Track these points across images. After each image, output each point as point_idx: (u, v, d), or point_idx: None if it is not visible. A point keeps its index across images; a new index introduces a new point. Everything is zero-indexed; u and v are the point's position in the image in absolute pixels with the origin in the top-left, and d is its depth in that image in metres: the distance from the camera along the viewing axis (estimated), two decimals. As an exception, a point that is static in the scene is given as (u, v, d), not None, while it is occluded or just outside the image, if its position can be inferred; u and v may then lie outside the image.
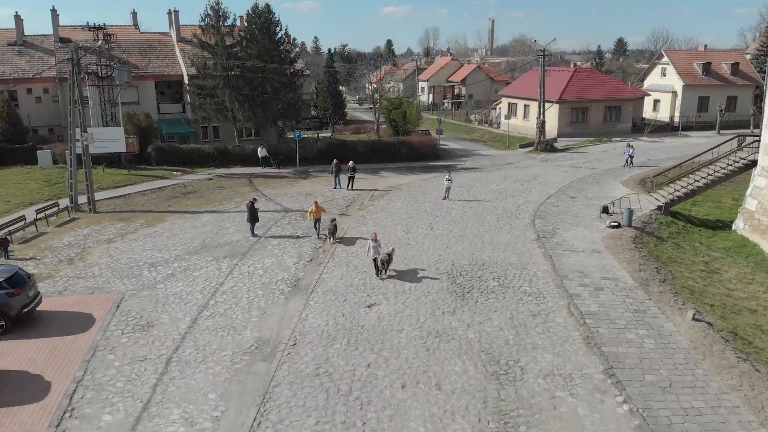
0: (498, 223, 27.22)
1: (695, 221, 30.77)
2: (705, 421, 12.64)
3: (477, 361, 14.83)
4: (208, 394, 13.48)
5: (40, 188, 34.37)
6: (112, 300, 18.74)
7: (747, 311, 20.70)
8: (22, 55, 47.35)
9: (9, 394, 13.84)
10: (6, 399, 13.62)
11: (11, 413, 13.13)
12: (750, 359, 15.64)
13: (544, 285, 19.77)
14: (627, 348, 15.53)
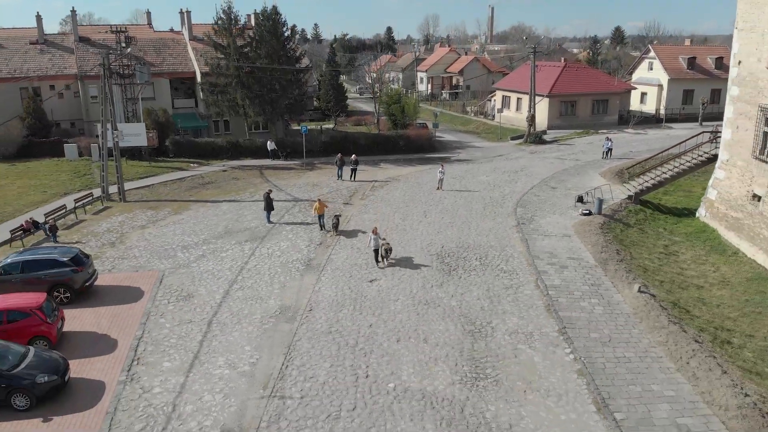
0: (484, 211, 30.86)
1: (663, 209, 34.32)
2: (632, 367, 16.37)
3: (457, 323, 18.56)
4: (244, 347, 17.22)
5: (71, 179, 37.96)
6: (155, 276, 22.45)
7: (694, 287, 24.40)
8: (44, 54, 50.66)
9: (84, 349, 17.55)
10: (82, 352, 17.33)
11: (89, 362, 16.85)
12: (681, 323, 19.33)
13: (518, 264, 23.46)
14: (579, 313, 19.25)
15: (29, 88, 48.46)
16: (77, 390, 15.39)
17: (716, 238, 30.08)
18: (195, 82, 50.45)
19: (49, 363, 15.35)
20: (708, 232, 30.98)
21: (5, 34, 53.11)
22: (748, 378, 16.60)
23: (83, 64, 48.42)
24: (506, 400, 14.70)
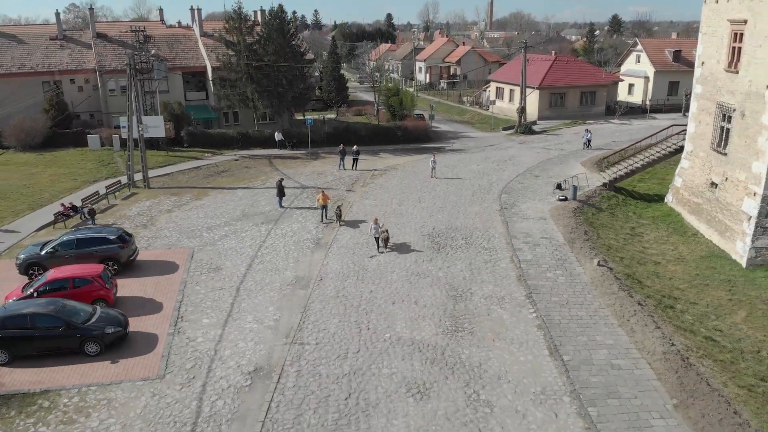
0: (472, 198, 34.70)
1: (636, 195, 38.12)
2: (582, 323, 20.31)
3: (442, 289, 22.49)
4: (268, 307, 21.16)
5: (96, 168, 41.76)
6: (186, 253, 26.36)
7: (652, 263, 28.32)
8: (63, 49, 54.19)
9: (136, 310, 21.45)
10: (135, 312, 21.22)
11: (142, 320, 20.77)
12: (630, 291, 23.23)
13: (497, 242, 27.36)
14: (545, 282, 23.18)
15: (51, 82, 52.08)
16: (135, 340, 19.33)
17: (680, 221, 33.95)
18: (206, 76, 54.02)
19: (113, 318, 19.28)
20: (673, 216, 34.83)
21: (26, 30, 56.65)
22: (679, 333, 20.54)
23: (102, 59, 51.98)
24: (478, 346, 18.64)
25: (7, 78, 50.91)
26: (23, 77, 51.28)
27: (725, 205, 30.37)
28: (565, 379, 16.96)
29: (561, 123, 59.75)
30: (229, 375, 17.24)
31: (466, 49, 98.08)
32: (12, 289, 22.24)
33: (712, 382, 17.08)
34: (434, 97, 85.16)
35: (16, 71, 51.34)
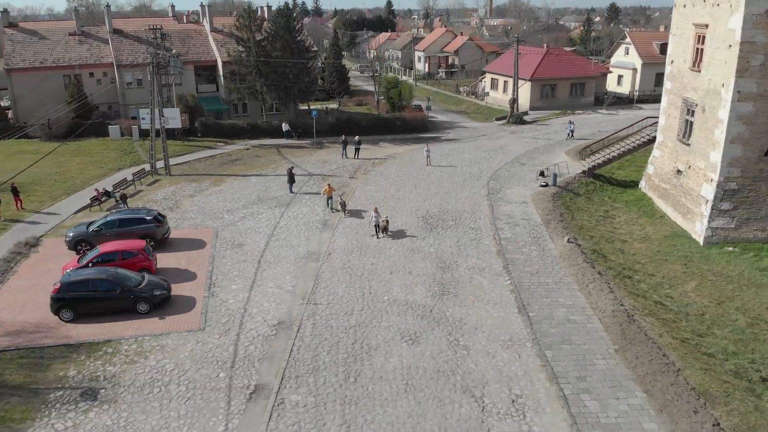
0: (463, 184, 38.73)
1: (613, 181, 42.15)
2: (548, 288, 24.43)
3: (433, 262, 26.62)
4: (286, 276, 25.30)
5: (120, 156, 45.76)
6: (211, 232, 30.48)
7: (619, 241, 32.43)
8: (82, 44, 57.94)
9: (174, 278, 25.54)
10: (173, 280, 25.29)
11: (180, 286, 24.88)
12: (594, 263, 27.31)
13: (482, 223, 31.45)
14: (520, 255, 27.30)
15: (71, 75, 55.87)
16: (177, 302, 23.48)
17: (650, 205, 38.03)
18: (216, 69, 57.80)
19: (158, 283, 23.42)
20: (645, 200, 38.90)
21: (47, 26, 60.39)
22: (631, 298, 24.65)
23: (118, 54, 55.77)
24: (460, 306, 22.80)
25: (30, 72, 54.76)
26: (46, 71, 55.11)
27: (688, 191, 34.44)
28: (529, 330, 21.13)
29: (551, 113, 63.56)
30: (258, 327, 21.42)
31: (464, 39, 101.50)
32: (65, 262, 26.43)
33: (650, 333, 21.20)
34: (432, 87, 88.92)
35: (39, 65, 55.15)
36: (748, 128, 30.85)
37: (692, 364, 19.60)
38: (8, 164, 44.42)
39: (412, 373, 18.63)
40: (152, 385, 18.33)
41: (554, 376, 18.46)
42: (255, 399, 17.56)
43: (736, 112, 30.55)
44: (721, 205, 31.82)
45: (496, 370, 18.80)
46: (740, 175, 31.52)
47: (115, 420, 16.90)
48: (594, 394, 17.69)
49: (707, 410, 17.02)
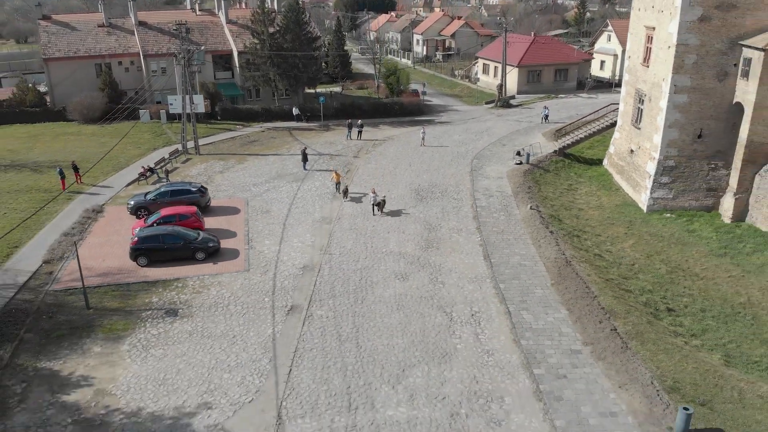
0: (451, 162, 46.18)
1: (582, 160, 49.49)
2: (508, 242, 32.07)
3: (422, 224, 34.26)
4: (306, 234, 32.99)
5: (152, 138, 53.17)
6: (243, 201, 38.07)
7: (576, 209, 39.99)
8: (110, 35, 64.89)
9: (219, 235, 33.13)
10: (220, 237, 32.86)
11: (226, 242, 32.52)
12: (549, 226, 34.88)
13: (464, 194, 39.01)
14: (491, 219, 34.93)
15: (102, 64, 62.94)
16: (225, 252, 31.13)
17: (609, 180, 45.49)
18: (231, 58, 64.83)
19: (210, 238, 31.06)
20: (606, 176, 46.35)
21: (77, 18, 67.24)
22: (574, 250, 32.24)
23: (144, 44, 62.78)
24: (440, 255, 30.49)
25: (65, 61, 61.84)
26: (79, 60, 62.17)
27: (637, 167, 41.94)
28: (489, 270, 28.84)
29: (536, 97, 70.67)
30: (288, 269, 29.14)
31: (460, 23, 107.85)
32: (128, 224, 34.10)
33: (581, 274, 28.86)
34: (429, 70, 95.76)
35: (72, 55, 62.17)
36: (683, 115, 38.19)
37: (608, 294, 27.31)
38: (56, 144, 52.04)
39: (402, 298, 26.38)
40: (216, 306, 26.09)
41: (503, 299, 26.21)
42: (291, 314, 25.33)
43: (673, 102, 37.88)
44: (661, 179, 39.33)
45: (462, 296, 26.54)
46: (677, 154, 38.94)
47: (193, 327, 24.66)
48: (530, 311, 25.44)
49: (609, 321, 24.74)
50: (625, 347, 22.67)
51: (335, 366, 21.82)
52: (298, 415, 19.45)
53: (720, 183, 38.57)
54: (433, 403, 19.86)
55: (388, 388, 20.64)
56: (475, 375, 21.31)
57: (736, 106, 37.04)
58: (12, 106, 61.06)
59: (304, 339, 23.55)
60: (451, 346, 23.03)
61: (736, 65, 36.65)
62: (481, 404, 19.82)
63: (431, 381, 20.97)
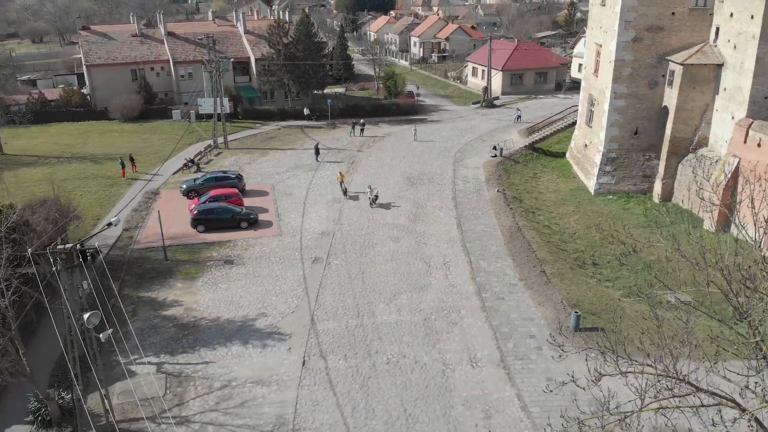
0: (438, 155, 56.97)
1: (549, 153, 60.26)
2: (477, 216, 42.93)
3: (412, 204, 45.22)
4: (321, 210, 43.97)
5: (186, 135, 63.90)
6: (270, 185, 48.97)
7: (537, 192, 50.85)
8: (143, 44, 75.64)
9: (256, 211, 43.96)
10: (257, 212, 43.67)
11: (263, 215, 43.37)
12: (510, 204, 45.70)
13: (447, 181, 49.89)
14: (466, 200, 45.83)
15: (136, 70, 73.68)
16: (262, 223, 41.99)
17: (569, 169, 56.27)
18: (249, 64, 75.55)
19: (250, 212, 41.95)
20: (566, 166, 57.13)
21: (113, 29, 78.04)
22: (527, 221, 43.02)
23: (173, 53, 73.53)
24: (424, 225, 41.42)
25: (105, 67, 72.58)
26: (117, 66, 72.90)
27: (588, 158, 52.71)
28: (460, 235, 39.71)
29: (518, 98, 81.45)
30: (310, 234, 40.03)
31: (454, 27, 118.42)
32: (183, 203, 44.92)
33: (527, 237, 39.67)
34: (425, 71, 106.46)
35: (111, 62, 72.91)
36: (621, 116, 48.92)
37: (545, 250, 38.16)
38: (105, 140, 62.90)
39: (395, 253, 37.27)
40: (261, 258, 36.99)
41: (468, 253, 37.10)
42: (315, 263, 36.23)
43: (614, 106, 48.62)
44: (605, 168, 50.12)
45: (438, 252, 37.43)
46: (618, 147, 49.68)
47: (246, 271, 35.53)
48: (485, 261, 36.33)
49: (541, 266, 35.58)
50: (548, 281, 33.54)
51: (348, 292, 32.75)
52: (324, 319, 30.36)
53: (653, 171, 49.31)
54: (413, 313, 30.78)
55: (384, 305, 31.55)
56: (443, 298, 32.21)
57: (663, 109, 47.76)
58: (60, 105, 71.79)
59: (326, 277, 34.48)
60: (427, 282, 33.95)
61: (664, 76, 47.38)
62: (444, 313, 30.72)
63: (413, 302, 31.89)
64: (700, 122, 46.21)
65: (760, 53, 40.09)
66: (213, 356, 27.58)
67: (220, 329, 29.72)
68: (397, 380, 25.73)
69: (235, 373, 26.34)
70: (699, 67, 44.80)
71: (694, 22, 46.41)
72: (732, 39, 43.21)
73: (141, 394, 24.53)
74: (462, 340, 28.51)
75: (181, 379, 26.06)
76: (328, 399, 24.64)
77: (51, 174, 50.83)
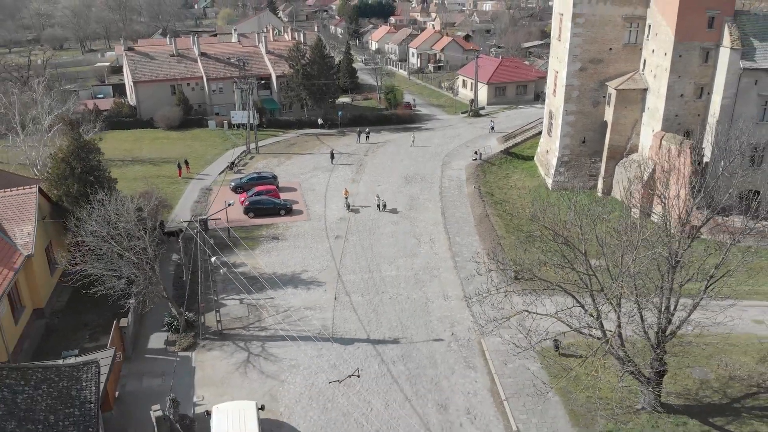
0: (430, 158, 72.69)
1: (521, 157, 75.87)
2: (456, 206, 58.82)
3: (407, 198, 61.02)
4: (338, 202, 59.72)
5: (222, 141, 79.62)
6: (298, 183, 64.82)
7: (507, 188, 66.70)
8: (180, 62, 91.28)
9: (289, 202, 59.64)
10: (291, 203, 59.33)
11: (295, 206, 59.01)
12: (483, 198, 61.41)
13: (435, 179, 65.68)
14: (449, 194, 61.72)
15: (175, 85, 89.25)
16: (295, 212, 57.67)
17: (535, 170, 71.97)
18: (270, 80, 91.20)
19: (286, 203, 57.66)
20: (534, 168, 72.82)
21: (153, 49, 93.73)
22: (494, 209, 58.72)
23: (206, 70, 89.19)
24: (417, 212, 57.27)
25: (149, 83, 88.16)
26: (158, 83, 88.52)
27: (548, 161, 68.45)
28: (443, 220, 55.51)
29: (501, 108, 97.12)
30: (332, 219, 55.82)
31: (449, 39, 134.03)
32: (236, 196, 60.57)
33: (492, 221, 55.32)
34: (421, 81, 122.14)
35: (154, 78, 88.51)
36: (572, 129, 64.61)
37: (503, 228, 53.91)
38: (156, 145, 78.63)
39: (395, 233, 53.01)
40: (297, 236, 52.71)
41: (447, 232, 52.90)
42: (337, 239, 51.97)
43: (565, 121, 64.30)
44: (560, 170, 65.86)
45: (426, 232, 53.19)
46: (569, 153, 65.37)
47: (289, 244, 51.25)
48: (459, 237, 52.10)
49: (498, 240, 51.23)
50: (500, 246, 49.17)
51: (361, 258, 48.45)
52: (346, 273, 46.05)
53: (597, 171, 65.01)
54: (407, 270, 46.50)
55: (387, 265, 47.26)
56: (428, 261, 47.90)
57: (604, 123, 63.45)
58: (112, 116, 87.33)
59: (345, 248, 50.19)
60: (417, 251, 49.67)
61: (604, 97, 63.04)
62: (428, 270, 46.44)
63: (407, 263, 47.59)
64: (631, 133, 61.98)
65: (670, 82, 55.80)
66: (275, 294, 43.26)
67: (277, 279, 45.33)
68: (396, 308, 41.43)
69: (291, 303, 42.05)
70: (629, 91, 60.48)
71: (627, 55, 62.08)
72: (653, 70, 58.93)
73: (233, 315, 40.26)
74: (439, 286, 44.24)
75: (257, 307, 41.68)
76: (352, 317, 40.32)
77: (123, 174, 66.40)
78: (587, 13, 59.82)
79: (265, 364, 35.34)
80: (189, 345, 37.11)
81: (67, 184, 41.17)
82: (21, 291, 36.93)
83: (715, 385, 32.91)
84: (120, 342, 34.63)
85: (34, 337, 37.33)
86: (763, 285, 43.49)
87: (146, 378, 34.30)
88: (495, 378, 34.01)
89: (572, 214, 31.83)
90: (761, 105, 53.88)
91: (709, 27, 53.71)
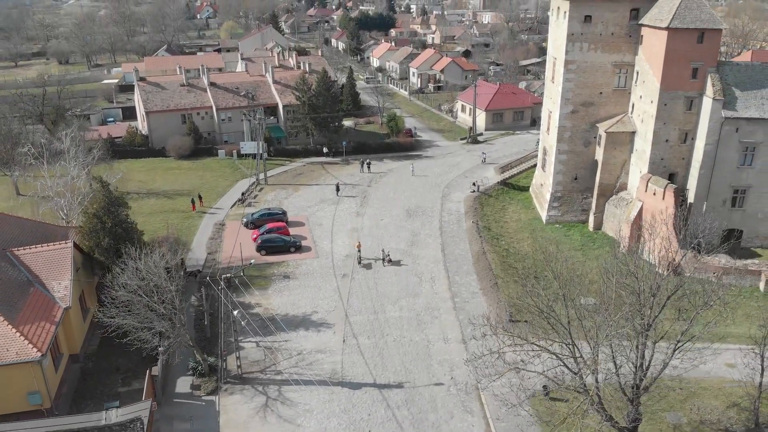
0: (430, 189, 76.30)
1: (517, 187, 79.51)
2: (456, 242, 62.39)
3: (408, 232, 64.56)
4: (344, 238, 63.35)
5: (231, 171, 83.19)
6: (306, 217, 68.46)
7: (503, 222, 70.44)
8: (190, 92, 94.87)
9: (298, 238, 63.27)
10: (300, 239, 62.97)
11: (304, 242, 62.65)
12: (480, 232, 65.05)
13: (435, 213, 69.28)
14: (448, 228, 65.27)
15: (185, 114, 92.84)
16: (303, 248, 61.26)
17: (530, 202, 75.63)
18: (277, 109, 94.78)
19: (296, 240, 61.27)
20: (528, 200, 76.49)
21: (163, 79, 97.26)
22: (491, 246, 62.35)
23: (215, 100, 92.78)
24: (418, 249, 60.80)
25: (160, 113, 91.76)
26: (169, 112, 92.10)
27: (543, 195, 72.09)
28: (443, 257, 59.06)
29: (498, 133, 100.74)
30: (338, 256, 59.36)
31: (448, 60, 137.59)
32: (248, 232, 64.18)
33: (489, 259, 58.96)
34: (422, 102, 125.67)
35: (165, 108, 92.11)
36: (564, 166, 68.25)
37: (498, 266, 57.52)
38: (169, 176, 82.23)
39: (397, 271, 56.61)
40: (307, 274, 56.31)
41: (447, 271, 56.46)
42: (344, 278, 55.54)
43: (558, 159, 67.91)
44: (553, 204, 69.52)
45: (427, 270, 56.79)
46: (562, 189, 69.00)
47: (299, 283, 54.83)
48: (459, 276, 55.68)
49: (495, 280, 54.86)
50: (498, 290, 52.78)
51: (367, 297, 52.04)
52: (353, 314, 49.63)
53: (588, 207, 68.66)
54: (409, 311, 50.07)
55: (391, 305, 50.86)
56: (428, 302, 51.51)
57: (594, 162, 67.04)
58: (125, 144, 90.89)
59: (352, 287, 53.79)
60: (419, 290, 53.26)
61: (595, 138, 66.65)
62: (429, 311, 50.04)
63: (409, 303, 51.17)
64: (620, 173, 65.60)
65: (656, 128, 59.42)
66: (288, 337, 46.85)
67: (290, 320, 48.94)
68: (399, 350, 45.03)
69: (303, 345, 45.66)
70: (618, 134, 64.08)
71: (617, 98, 65.69)
72: (640, 115, 62.57)
73: (251, 358, 43.92)
74: (439, 327, 47.85)
75: (272, 350, 45.30)
76: (360, 360, 43.95)
77: (139, 208, 70.00)
78: (579, 60, 63.45)
79: (282, 409, 39.00)
80: (213, 389, 40.75)
81: (98, 236, 44.79)
82: (59, 340, 40.58)
83: (687, 429, 36.55)
84: (152, 390, 38.28)
85: (71, 381, 40.99)
86: (740, 326, 47.13)
87: (176, 422, 37.96)
88: (490, 422, 37.68)
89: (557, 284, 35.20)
90: (742, 151, 57.50)
91: (693, 77, 57.38)
